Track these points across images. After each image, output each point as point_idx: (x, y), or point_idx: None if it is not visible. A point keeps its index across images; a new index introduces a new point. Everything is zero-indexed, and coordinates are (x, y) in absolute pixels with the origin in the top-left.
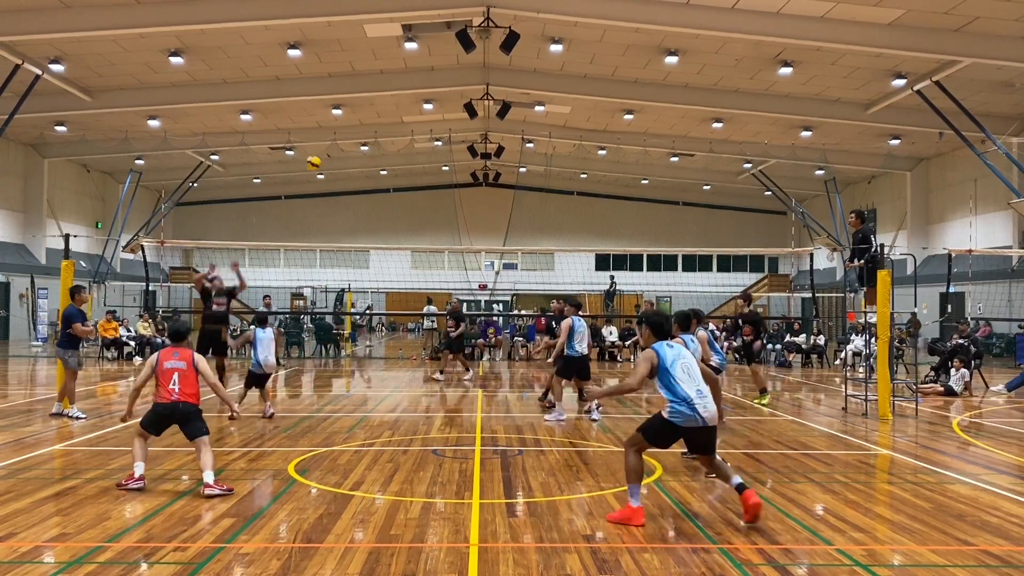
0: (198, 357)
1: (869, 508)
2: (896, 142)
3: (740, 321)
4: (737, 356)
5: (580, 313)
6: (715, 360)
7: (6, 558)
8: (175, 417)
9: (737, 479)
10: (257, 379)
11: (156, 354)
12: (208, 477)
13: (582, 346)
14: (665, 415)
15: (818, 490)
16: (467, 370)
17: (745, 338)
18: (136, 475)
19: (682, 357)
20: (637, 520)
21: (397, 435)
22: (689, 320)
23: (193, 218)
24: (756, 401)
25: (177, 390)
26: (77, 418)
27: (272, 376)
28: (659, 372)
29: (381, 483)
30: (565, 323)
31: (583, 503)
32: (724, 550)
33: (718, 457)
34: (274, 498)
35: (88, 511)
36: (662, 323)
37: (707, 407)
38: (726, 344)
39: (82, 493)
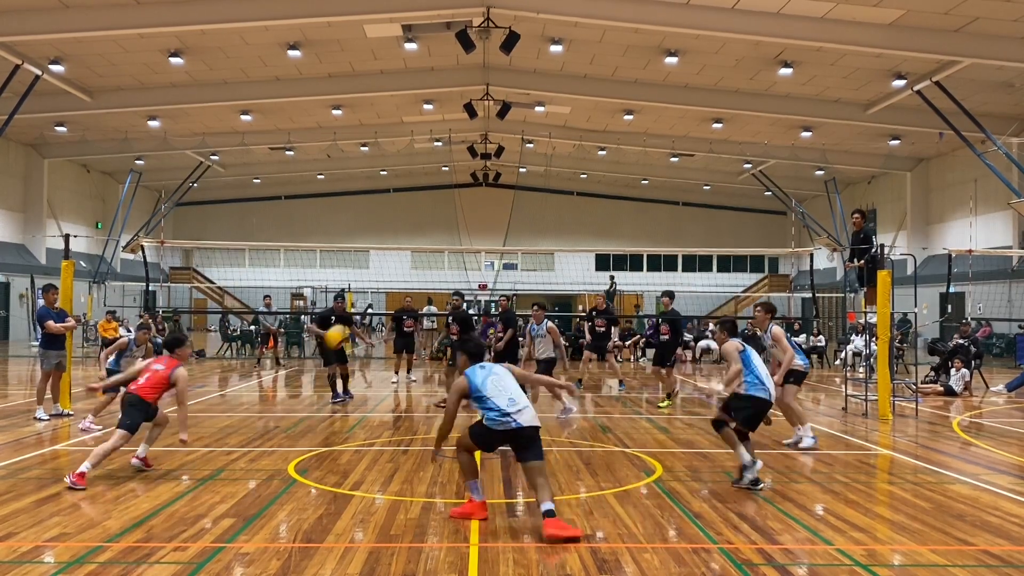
0: (179, 373)
1: (869, 508)
2: (896, 142)
3: (659, 320)
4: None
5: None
6: (801, 363)
7: (6, 558)
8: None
9: (548, 506)
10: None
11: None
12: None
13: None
14: (485, 422)
15: (818, 490)
16: (396, 372)
17: (663, 337)
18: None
19: (492, 374)
20: (480, 514)
21: (397, 435)
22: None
23: (193, 218)
24: (662, 404)
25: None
26: (39, 419)
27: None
28: (471, 394)
29: (381, 483)
30: (553, 327)
31: (583, 503)
32: (724, 550)
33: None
34: (274, 498)
35: (88, 511)
36: (473, 351)
37: (521, 411)
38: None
39: (82, 493)
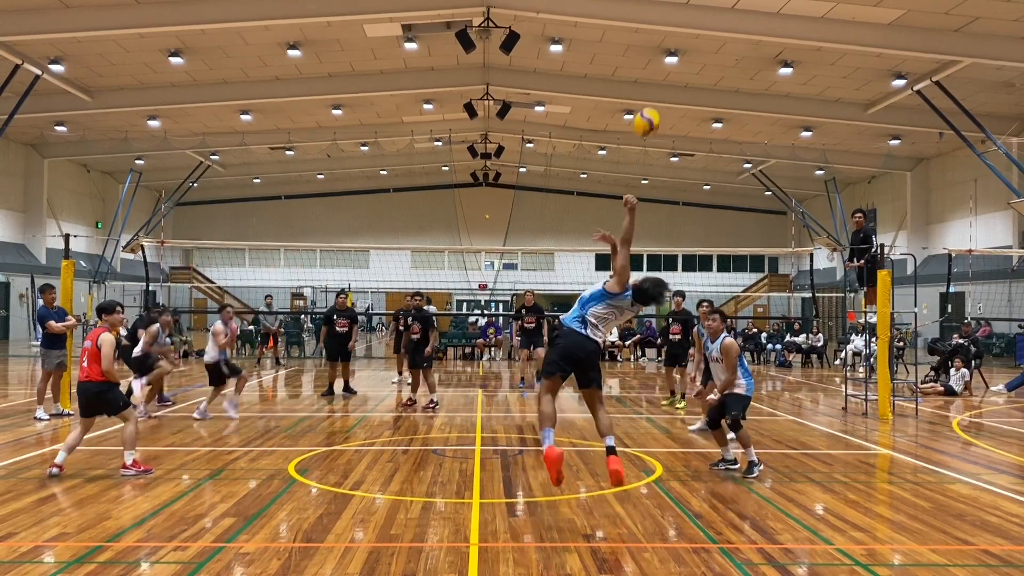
0: (103, 337)
1: (869, 508)
2: (896, 142)
3: (670, 320)
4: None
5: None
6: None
7: (6, 558)
8: (83, 397)
9: (610, 440)
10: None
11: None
12: (127, 457)
13: None
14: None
15: (818, 490)
16: (400, 373)
17: (673, 337)
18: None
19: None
20: (551, 455)
21: (397, 435)
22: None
23: (193, 218)
24: (667, 403)
25: (86, 366)
26: (40, 419)
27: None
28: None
29: (381, 483)
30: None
31: (583, 503)
32: (724, 550)
33: (604, 418)
34: (274, 498)
35: (88, 511)
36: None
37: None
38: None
39: (82, 493)
